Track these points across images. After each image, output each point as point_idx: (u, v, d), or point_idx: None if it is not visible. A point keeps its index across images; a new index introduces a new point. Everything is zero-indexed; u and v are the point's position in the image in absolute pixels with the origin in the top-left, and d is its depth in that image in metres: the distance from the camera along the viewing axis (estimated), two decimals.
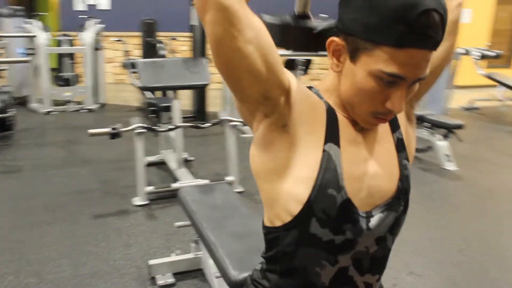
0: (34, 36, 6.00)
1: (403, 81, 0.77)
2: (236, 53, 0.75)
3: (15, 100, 5.25)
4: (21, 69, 6.23)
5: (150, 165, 4.02)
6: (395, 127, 0.95)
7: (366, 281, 0.92)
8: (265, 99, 0.79)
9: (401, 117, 0.97)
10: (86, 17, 6.91)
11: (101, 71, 6.62)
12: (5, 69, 6.38)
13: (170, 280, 2.39)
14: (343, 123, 0.86)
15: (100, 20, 6.60)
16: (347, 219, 0.84)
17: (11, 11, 6.41)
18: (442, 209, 3.54)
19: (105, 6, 8.24)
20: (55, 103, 6.14)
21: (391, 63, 0.75)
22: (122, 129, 3.14)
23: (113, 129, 3.09)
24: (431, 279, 2.56)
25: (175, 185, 3.42)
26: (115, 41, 6.93)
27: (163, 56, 5.34)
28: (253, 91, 0.78)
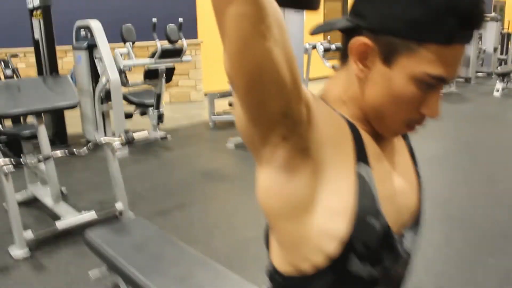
0: None
1: (443, 83, 0.68)
2: (264, 56, 0.58)
3: None
4: None
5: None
6: (405, 133, 0.86)
7: None
8: (285, 116, 0.63)
9: None
10: None
11: None
12: None
13: None
14: (365, 138, 0.73)
15: None
16: (385, 247, 0.72)
17: None
18: None
19: None
20: None
21: (437, 63, 0.65)
22: None
23: None
24: None
25: (60, 224, 2.94)
26: None
27: (11, 76, 4.64)
28: (275, 107, 0.62)
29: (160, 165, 4.66)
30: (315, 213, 0.67)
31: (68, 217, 3.07)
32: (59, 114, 5.00)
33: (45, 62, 4.87)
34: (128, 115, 4.93)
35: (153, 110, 5.23)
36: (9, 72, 4.71)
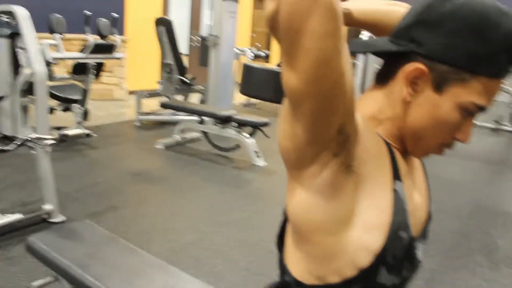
0: None
1: (482, 111, 0.73)
2: (341, 74, 0.60)
3: None
4: None
5: None
6: None
7: None
8: (340, 133, 0.65)
9: None
10: None
11: None
12: None
13: None
14: (397, 156, 0.78)
15: None
16: (408, 258, 0.77)
17: None
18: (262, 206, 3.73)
19: None
20: None
21: (484, 94, 0.70)
22: None
23: None
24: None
25: None
26: None
27: None
28: (335, 125, 0.64)
29: (86, 164, 4.43)
30: (353, 227, 0.70)
31: None
32: None
33: None
34: (49, 111, 4.62)
35: (78, 106, 4.96)
36: None
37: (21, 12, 4.35)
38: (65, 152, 4.68)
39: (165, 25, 6.00)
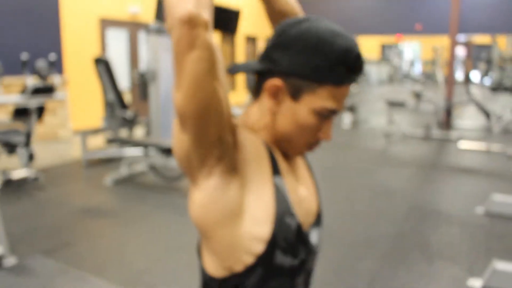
0: None
1: (335, 114, 0.88)
2: (212, 92, 0.76)
3: None
4: None
5: None
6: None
7: None
8: (220, 141, 0.80)
9: None
10: None
11: None
12: None
13: None
14: (277, 156, 0.92)
15: None
16: (300, 241, 0.90)
17: None
18: None
19: None
20: None
21: (331, 99, 0.85)
22: None
23: None
24: None
25: None
26: None
27: None
28: (215, 133, 0.79)
29: (35, 205, 4.44)
30: (244, 220, 0.83)
31: None
32: None
33: None
34: None
35: (22, 148, 4.97)
36: None
37: None
38: (12, 195, 4.67)
39: (103, 64, 6.10)
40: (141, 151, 5.14)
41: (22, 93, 4.75)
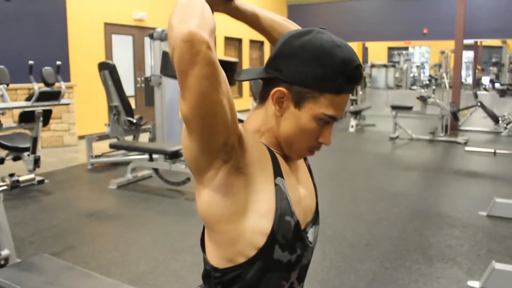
0: None
1: (334, 120, 0.94)
2: (215, 104, 0.81)
3: None
4: None
5: None
6: (305, 157, 1.16)
7: None
8: (225, 145, 0.86)
9: None
10: None
11: None
12: None
13: None
14: (279, 159, 0.98)
15: None
16: (298, 238, 0.96)
17: None
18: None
19: None
20: None
21: (331, 107, 0.92)
22: None
23: None
24: None
25: None
26: None
27: None
28: (220, 139, 0.85)
29: (41, 209, 4.49)
30: (249, 216, 0.89)
31: None
32: None
33: None
34: None
35: (29, 154, 5.03)
36: None
37: None
38: (18, 199, 4.73)
39: (108, 69, 6.14)
40: (146, 156, 5.18)
41: (27, 99, 4.81)
